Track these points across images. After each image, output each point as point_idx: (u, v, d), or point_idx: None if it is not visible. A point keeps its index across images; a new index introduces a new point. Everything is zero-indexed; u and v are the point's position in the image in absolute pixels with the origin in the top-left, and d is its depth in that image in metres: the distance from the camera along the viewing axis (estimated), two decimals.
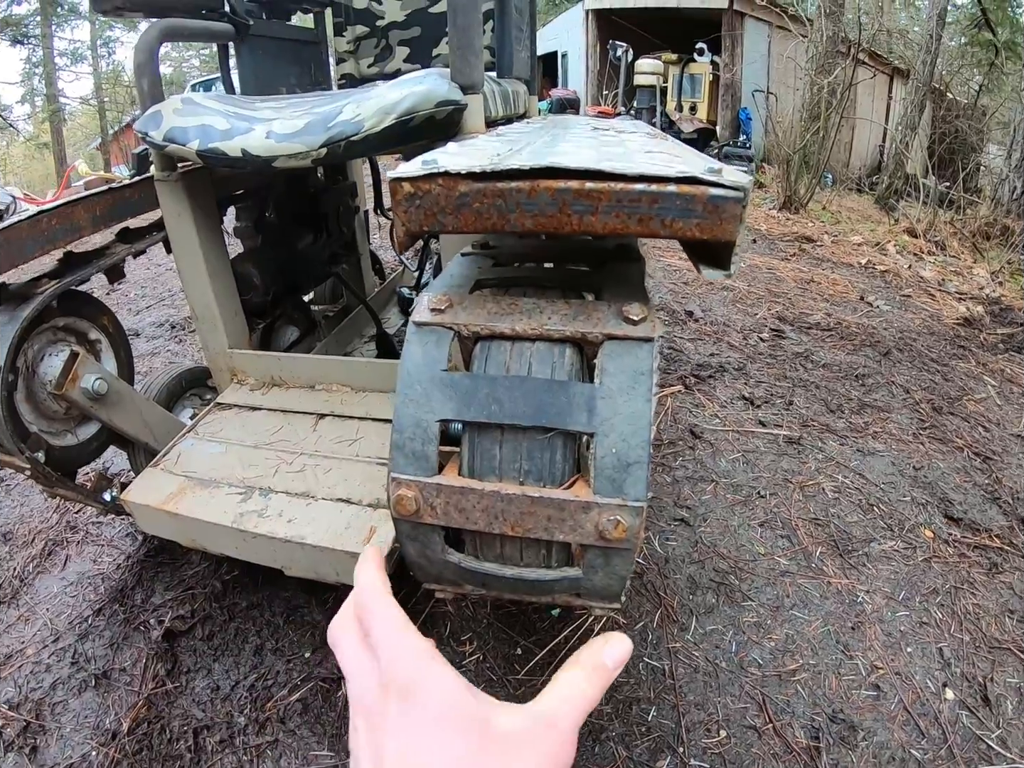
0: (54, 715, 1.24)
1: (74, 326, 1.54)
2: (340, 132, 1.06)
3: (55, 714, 1.24)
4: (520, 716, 0.38)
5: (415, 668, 0.37)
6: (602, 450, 0.56)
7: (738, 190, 0.53)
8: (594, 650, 0.45)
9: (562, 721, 0.38)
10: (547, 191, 0.54)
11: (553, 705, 0.40)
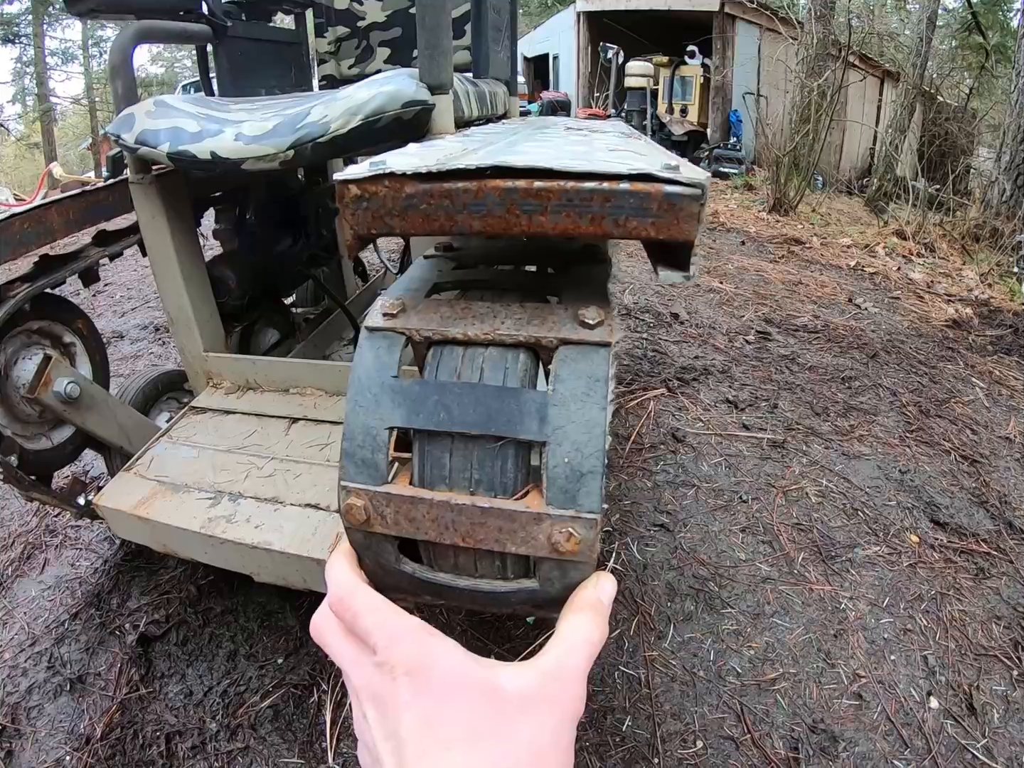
0: (29, 719, 1.24)
1: (48, 329, 1.52)
2: (307, 134, 1.04)
3: (31, 718, 1.24)
4: (529, 674, 0.39)
5: (417, 644, 0.39)
6: (554, 459, 0.54)
7: (695, 187, 0.51)
8: (587, 591, 0.47)
9: (570, 671, 0.40)
10: (494, 191, 0.52)
11: (560, 657, 0.41)
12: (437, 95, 1.05)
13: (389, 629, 0.40)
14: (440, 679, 0.36)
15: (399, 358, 0.59)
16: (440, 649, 0.39)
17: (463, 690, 0.36)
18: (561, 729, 0.37)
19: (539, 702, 0.37)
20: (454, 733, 0.34)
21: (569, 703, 0.37)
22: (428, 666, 0.37)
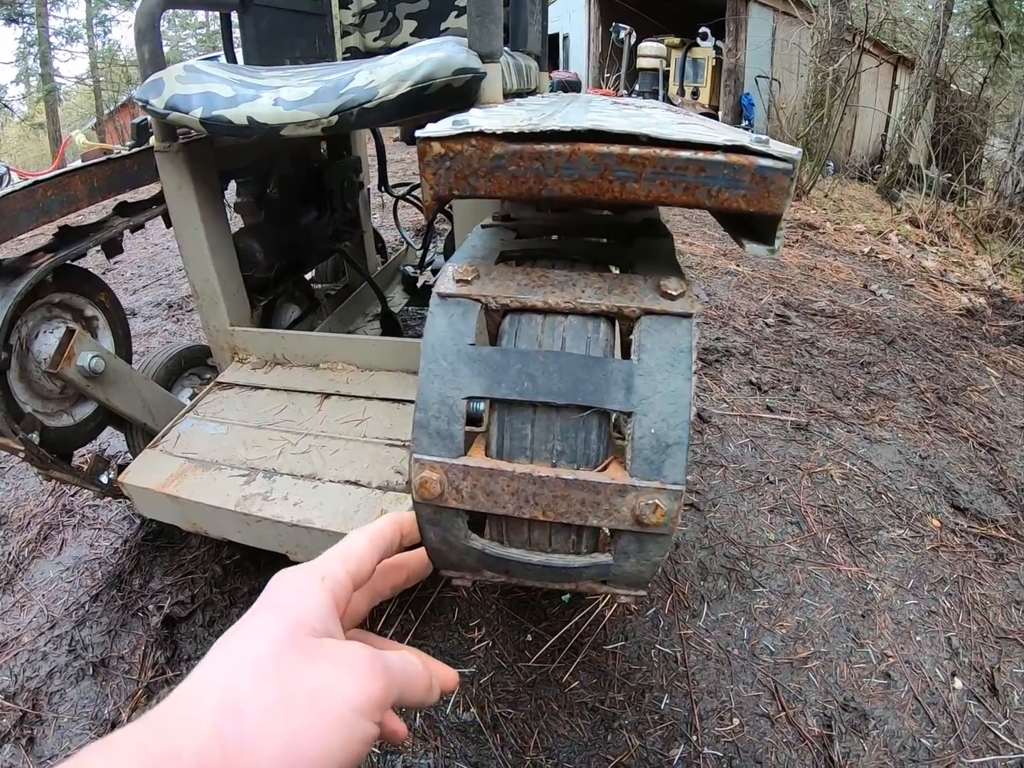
0: (51, 705, 1.21)
1: (70, 302, 1.50)
2: (353, 99, 1.02)
3: (52, 704, 1.22)
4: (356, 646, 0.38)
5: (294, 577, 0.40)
6: (640, 430, 0.53)
7: (787, 162, 0.50)
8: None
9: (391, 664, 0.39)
10: (588, 155, 0.51)
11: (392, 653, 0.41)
12: (488, 63, 1.03)
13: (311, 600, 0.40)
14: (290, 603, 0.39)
15: (475, 325, 0.58)
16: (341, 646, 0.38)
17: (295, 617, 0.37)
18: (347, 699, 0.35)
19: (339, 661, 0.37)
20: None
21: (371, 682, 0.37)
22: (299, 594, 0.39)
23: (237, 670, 0.34)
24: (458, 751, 1.11)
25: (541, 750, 1.11)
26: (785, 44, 8.80)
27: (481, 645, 1.28)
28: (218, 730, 0.31)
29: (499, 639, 1.29)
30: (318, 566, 0.42)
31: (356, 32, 1.99)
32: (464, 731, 1.14)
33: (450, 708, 1.17)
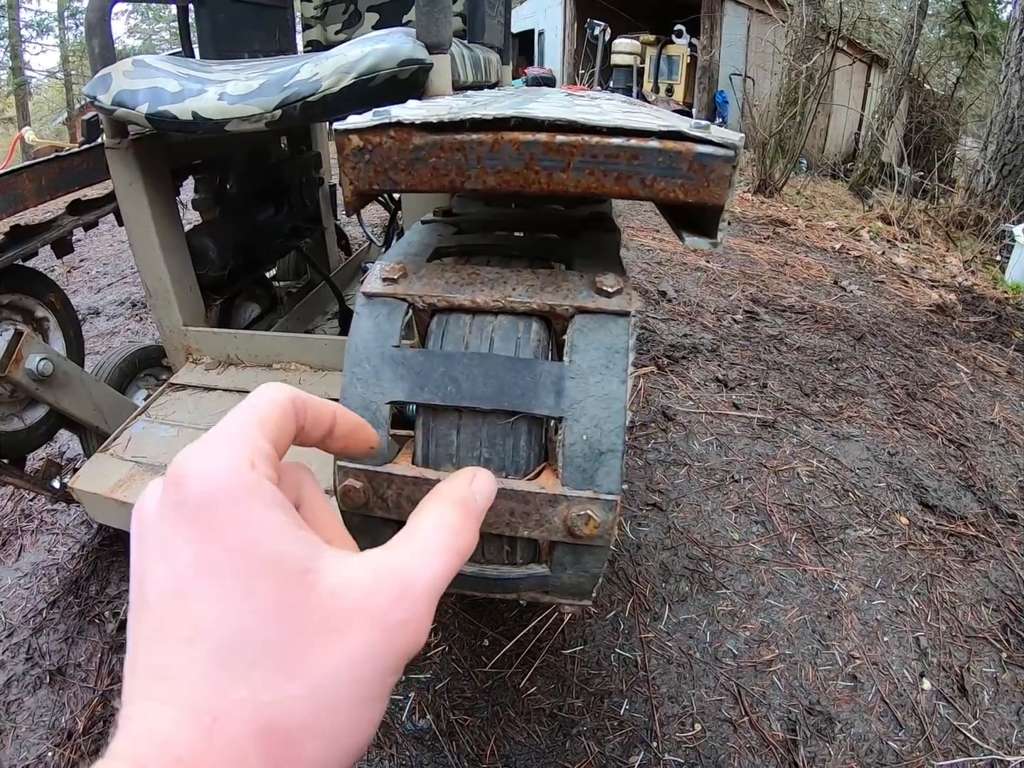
0: (9, 714, 1.19)
1: (19, 303, 1.46)
2: (296, 92, 0.98)
3: (10, 713, 1.19)
4: (362, 570, 0.28)
5: (221, 491, 0.26)
6: (572, 436, 0.50)
7: (728, 148, 0.48)
8: (459, 483, 0.37)
9: (420, 581, 0.28)
10: (512, 144, 0.48)
11: (412, 557, 0.29)
12: (435, 54, 0.99)
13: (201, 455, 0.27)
14: (230, 544, 0.26)
15: (401, 327, 0.55)
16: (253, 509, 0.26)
17: (257, 567, 0.25)
18: (378, 663, 0.27)
19: (362, 612, 0.26)
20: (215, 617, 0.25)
21: (404, 626, 0.27)
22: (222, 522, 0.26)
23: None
24: (414, 759, 1.08)
25: (498, 757, 1.09)
26: (759, 42, 8.84)
27: (437, 651, 1.25)
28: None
29: (456, 644, 1.26)
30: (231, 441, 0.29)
31: (318, 25, 1.95)
32: (420, 739, 1.11)
33: (406, 715, 1.14)
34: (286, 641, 0.25)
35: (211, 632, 0.25)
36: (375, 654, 0.26)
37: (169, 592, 0.26)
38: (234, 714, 0.24)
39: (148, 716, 0.24)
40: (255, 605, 0.25)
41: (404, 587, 0.28)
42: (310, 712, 0.25)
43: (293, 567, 0.26)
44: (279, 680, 0.25)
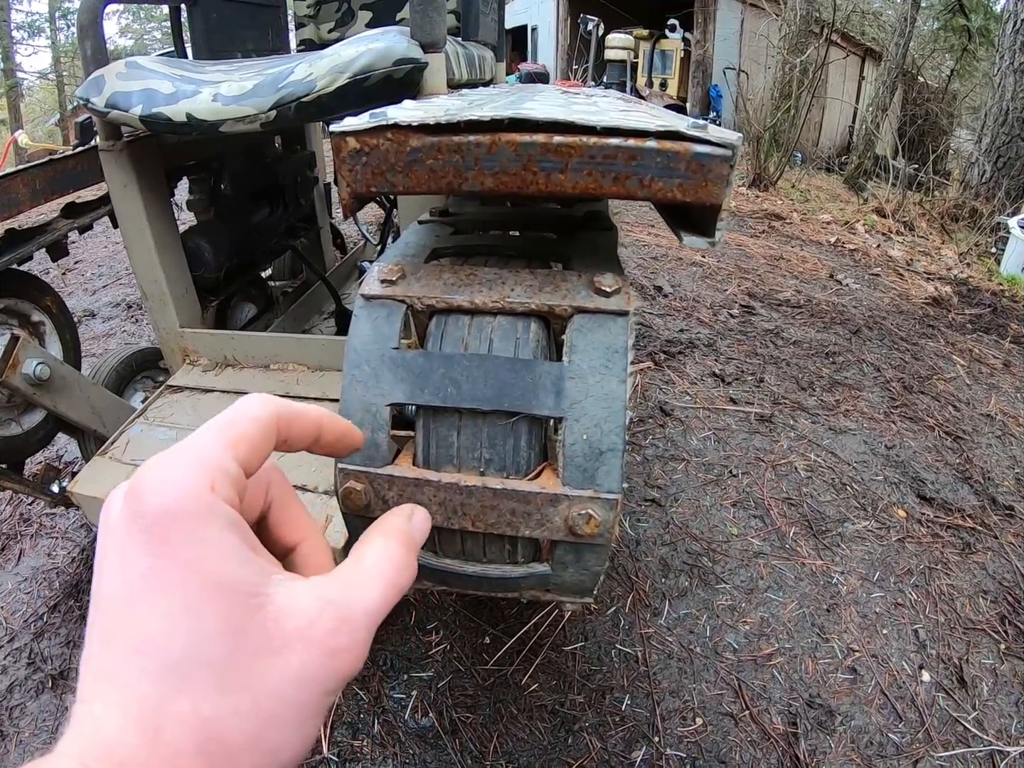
0: (12, 720, 1.18)
1: (15, 308, 1.45)
2: (291, 93, 0.98)
3: (13, 719, 1.18)
4: (307, 597, 0.29)
5: (178, 509, 0.27)
6: (572, 436, 0.51)
7: (726, 148, 0.48)
8: (398, 519, 0.38)
9: (360, 611, 0.30)
10: (509, 145, 0.48)
11: (355, 588, 0.31)
12: (430, 53, 0.99)
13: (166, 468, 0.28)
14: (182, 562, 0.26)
15: (400, 328, 0.55)
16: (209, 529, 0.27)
17: (209, 586, 0.26)
18: (316, 685, 0.28)
19: (304, 638, 0.28)
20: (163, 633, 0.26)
21: (341, 654, 0.28)
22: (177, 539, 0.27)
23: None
24: (417, 757, 1.09)
25: (501, 754, 1.09)
26: (753, 36, 8.83)
27: (439, 648, 1.25)
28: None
29: (457, 642, 1.27)
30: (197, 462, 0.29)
31: (311, 24, 1.94)
32: (423, 737, 1.11)
33: (408, 713, 1.14)
34: (229, 659, 0.26)
35: (157, 645, 0.26)
36: (314, 677, 0.28)
37: (121, 600, 0.27)
38: (176, 726, 0.25)
39: (96, 718, 0.25)
40: (201, 623, 0.26)
41: (345, 616, 0.29)
42: (249, 727, 0.26)
43: (241, 590, 0.27)
44: (221, 696, 0.26)
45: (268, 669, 0.27)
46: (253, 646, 0.27)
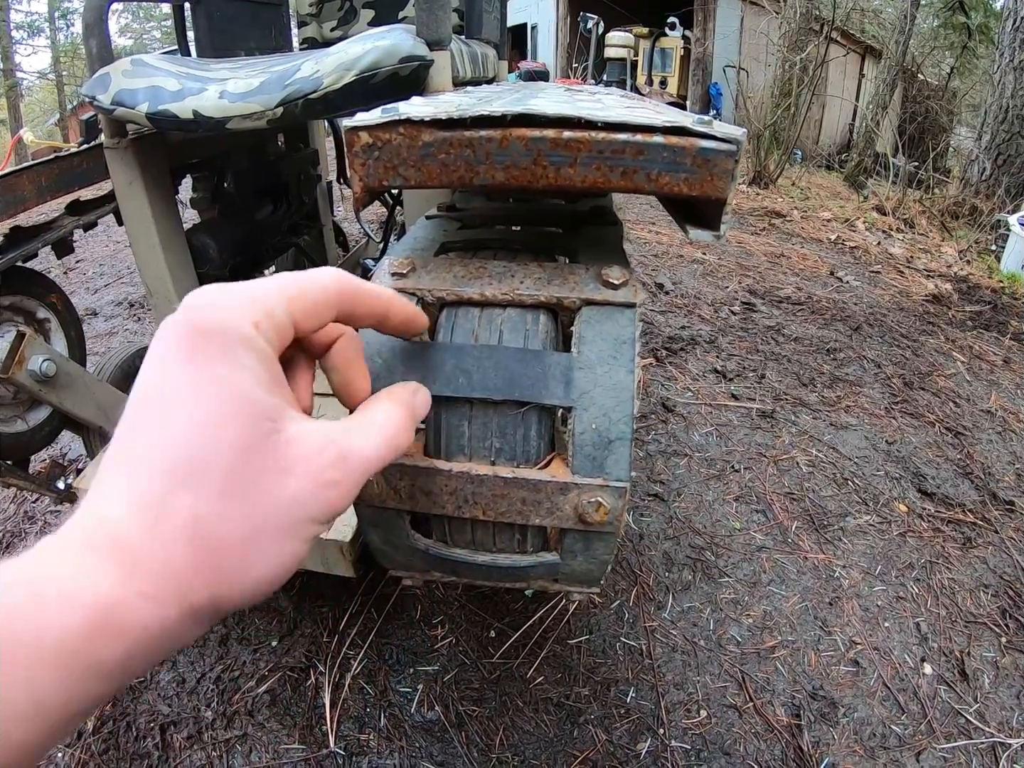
0: None
1: (20, 305, 1.46)
2: (298, 90, 0.99)
3: None
4: (315, 433, 0.32)
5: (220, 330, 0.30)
6: (581, 426, 0.51)
7: (731, 143, 0.49)
8: (403, 391, 0.41)
9: (358, 456, 0.33)
10: (520, 140, 0.49)
11: (358, 437, 0.34)
12: (435, 51, 1.00)
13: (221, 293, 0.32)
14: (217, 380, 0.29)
15: None
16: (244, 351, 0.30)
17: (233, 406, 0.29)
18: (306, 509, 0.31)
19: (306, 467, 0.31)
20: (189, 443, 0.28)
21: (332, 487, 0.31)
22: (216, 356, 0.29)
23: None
24: (423, 750, 1.09)
25: (507, 747, 1.10)
26: (753, 33, 8.83)
27: (444, 642, 1.26)
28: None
29: (462, 636, 1.27)
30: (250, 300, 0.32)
31: (313, 22, 1.95)
32: (429, 730, 1.12)
33: (414, 707, 1.15)
34: (235, 470, 0.29)
35: (173, 444, 0.28)
36: (306, 501, 0.31)
37: (152, 399, 0.30)
38: (174, 517, 0.27)
39: (102, 503, 0.28)
40: (218, 432, 0.29)
41: (344, 456, 0.32)
42: (238, 532, 0.29)
43: (261, 413, 0.30)
44: (220, 500, 0.28)
45: (267, 486, 0.29)
46: (259, 463, 0.29)
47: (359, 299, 0.38)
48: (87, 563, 0.26)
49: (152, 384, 0.30)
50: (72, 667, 0.25)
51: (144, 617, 0.26)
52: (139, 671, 0.28)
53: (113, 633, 0.26)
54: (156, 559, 0.27)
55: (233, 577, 0.29)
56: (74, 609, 0.25)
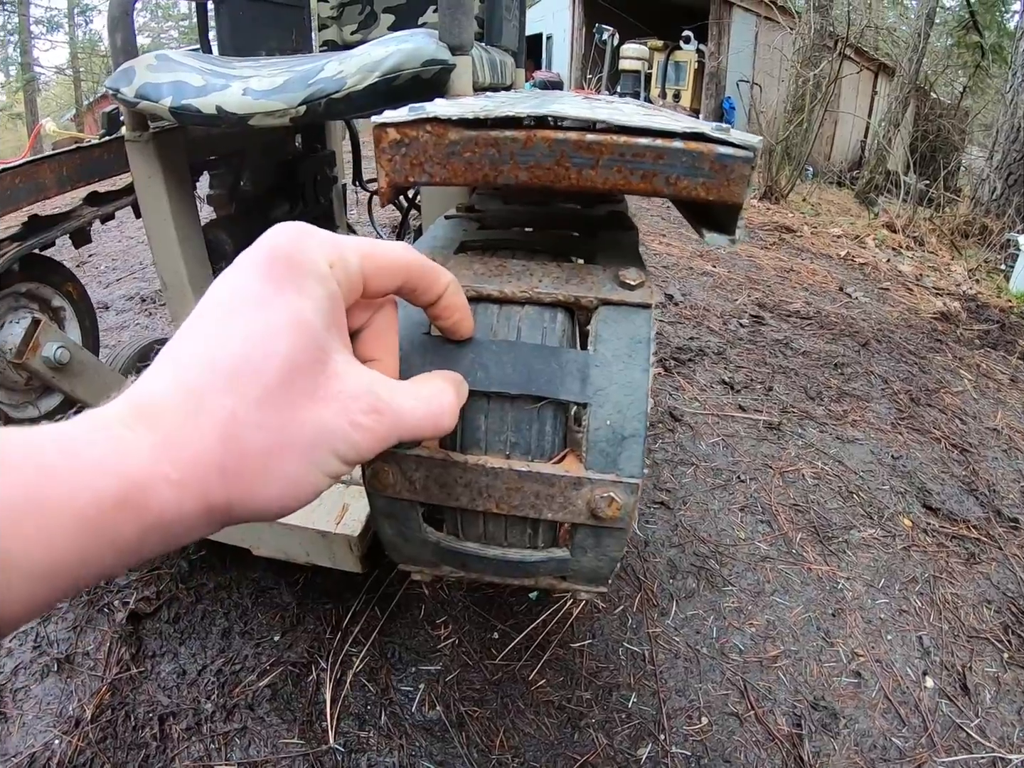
0: (16, 702, 1.18)
1: (37, 292, 1.48)
2: (321, 89, 1.00)
3: (17, 701, 1.18)
4: (362, 377, 0.34)
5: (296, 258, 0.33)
6: (596, 422, 0.52)
7: (747, 150, 0.50)
8: (460, 378, 0.44)
9: (391, 413, 0.34)
10: (544, 141, 0.50)
11: (402, 397, 0.36)
12: (457, 55, 1.01)
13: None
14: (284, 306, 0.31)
15: None
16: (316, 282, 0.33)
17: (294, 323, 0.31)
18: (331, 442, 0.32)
19: (339, 402, 0.32)
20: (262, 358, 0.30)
21: (359, 430, 0.33)
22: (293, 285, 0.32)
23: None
24: (423, 750, 1.10)
25: (507, 749, 1.10)
26: (767, 49, 8.88)
27: (447, 643, 1.27)
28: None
29: (465, 637, 1.28)
30: (330, 242, 0.35)
31: (334, 25, 1.97)
32: (429, 729, 1.12)
33: (415, 706, 1.16)
34: (278, 385, 0.30)
35: (228, 348, 0.30)
36: (333, 433, 0.32)
37: (220, 303, 0.32)
38: (214, 413, 0.29)
39: (154, 383, 0.30)
40: (272, 347, 0.31)
41: (381, 408, 0.34)
42: (265, 443, 0.30)
43: (316, 341, 0.32)
44: (257, 408, 0.30)
45: (302, 408, 0.31)
46: (300, 384, 0.31)
47: (424, 275, 0.40)
48: (126, 435, 0.28)
49: (224, 292, 0.32)
50: (93, 535, 0.26)
51: (165, 501, 0.28)
52: (148, 553, 0.29)
53: (136, 509, 0.27)
54: (189, 446, 0.29)
55: (251, 486, 0.30)
56: (107, 478, 0.26)
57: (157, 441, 0.28)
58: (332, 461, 0.33)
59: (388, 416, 0.34)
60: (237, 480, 0.30)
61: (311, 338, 0.32)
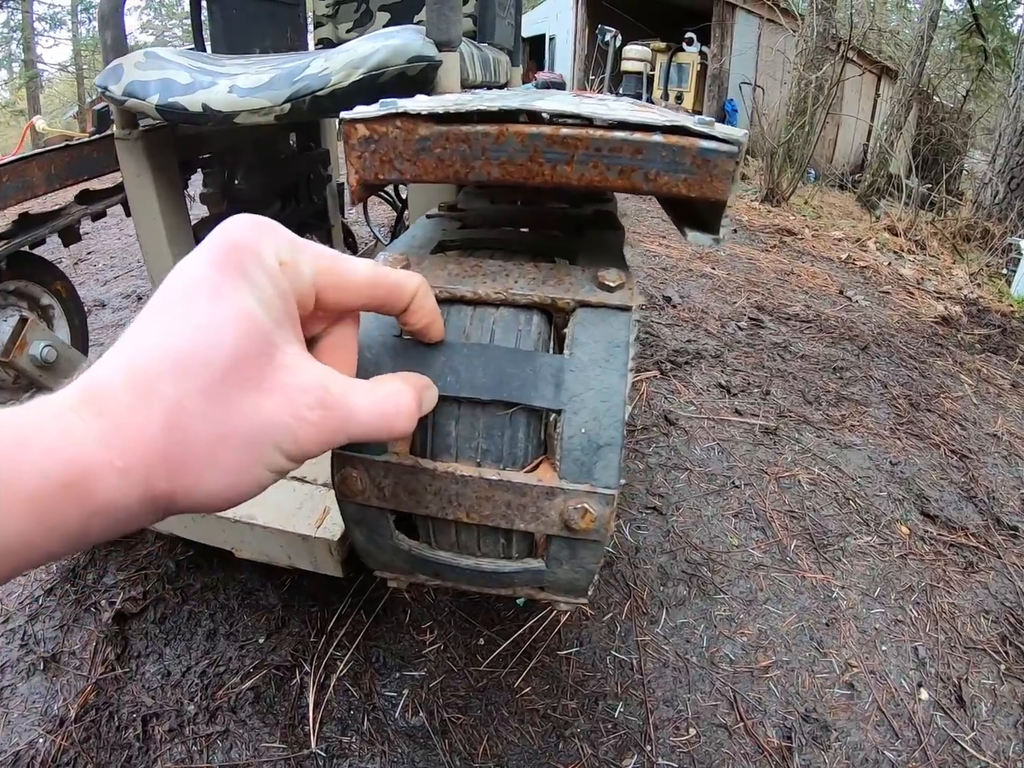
0: (2, 700, 1.18)
1: (25, 290, 1.47)
2: (306, 86, 0.99)
3: (3, 699, 1.18)
4: (312, 372, 0.34)
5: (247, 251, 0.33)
6: (570, 429, 0.50)
7: (732, 144, 0.48)
8: (424, 381, 0.43)
9: (341, 411, 0.34)
10: (516, 136, 0.49)
11: (354, 395, 0.35)
12: (444, 52, 1.00)
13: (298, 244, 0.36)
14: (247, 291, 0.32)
15: None
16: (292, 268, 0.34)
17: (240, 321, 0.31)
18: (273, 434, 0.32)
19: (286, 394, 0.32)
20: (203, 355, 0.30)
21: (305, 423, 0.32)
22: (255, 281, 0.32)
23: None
24: (405, 756, 1.08)
25: (490, 757, 1.08)
26: (770, 51, 8.86)
27: (432, 648, 1.25)
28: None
29: (451, 642, 1.26)
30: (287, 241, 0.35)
31: (329, 23, 1.96)
32: (412, 736, 1.11)
33: (399, 712, 1.14)
34: (224, 374, 0.30)
35: (175, 335, 0.30)
36: (275, 425, 0.32)
37: (173, 291, 0.32)
38: (160, 401, 0.29)
39: (106, 370, 0.30)
40: (220, 336, 0.30)
41: (330, 404, 0.33)
42: (208, 434, 0.30)
43: (260, 331, 0.32)
44: (202, 397, 0.30)
45: (246, 400, 0.31)
46: (247, 375, 0.31)
47: (389, 294, 0.40)
48: (75, 421, 0.28)
49: (178, 281, 0.32)
50: (40, 519, 0.26)
51: (109, 488, 0.28)
52: (94, 539, 0.29)
53: (80, 496, 0.27)
54: (134, 433, 0.29)
55: (194, 477, 0.30)
56: (55, 462, 0.26)
57: (104, 428, 0.28)
58: (274, 455, 0.32)
59: (337, 412, 0.34)
60: (181, 469, 0.30)
61: (258, 330, 0.32)
